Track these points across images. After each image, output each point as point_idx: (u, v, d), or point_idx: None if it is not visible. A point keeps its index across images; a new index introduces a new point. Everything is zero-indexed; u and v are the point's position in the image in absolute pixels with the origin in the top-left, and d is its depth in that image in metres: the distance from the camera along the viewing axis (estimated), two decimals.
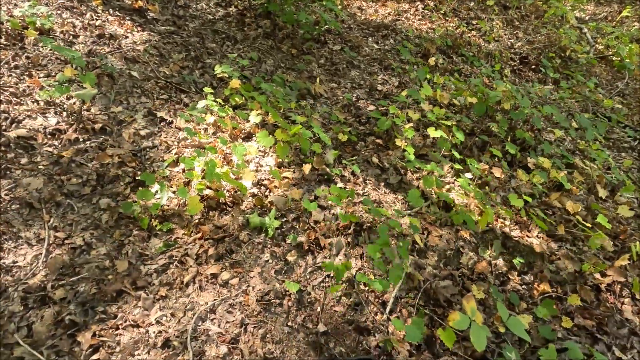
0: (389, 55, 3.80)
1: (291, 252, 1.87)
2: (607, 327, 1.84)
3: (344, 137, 2.56)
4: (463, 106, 3.00)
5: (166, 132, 2.38)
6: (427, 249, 2.04)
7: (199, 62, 3.04)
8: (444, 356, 1.66)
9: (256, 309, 1.63)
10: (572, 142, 3.02)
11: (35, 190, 1.85)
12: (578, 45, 4.71)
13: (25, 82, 2.32)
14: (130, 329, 1.50)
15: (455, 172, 2.41)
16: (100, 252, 1.72)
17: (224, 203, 2.03)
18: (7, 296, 1.50)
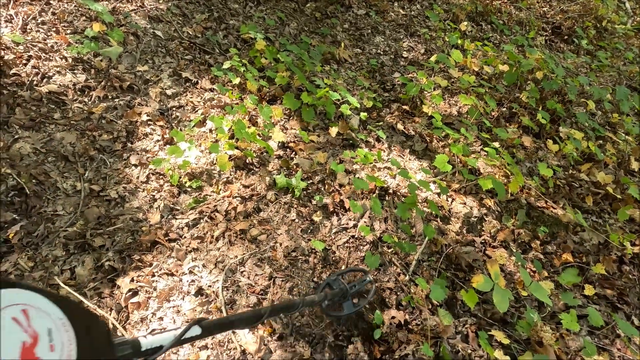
0: (415, 21, 3.66)
1: (317, 212, 1.90)
2: (628, 297, 1.85)
3: (368, 103, 2.52)
4: (493, 74, 2.90)
5: (192, 93, 2.38)
6: (450, 215, 2.05)
7: (222, 22, 2.98)
8: (464, 317, 1.70)
9: (284, 264, 1.69)
10: (604, 116, 2.92)
11: (69, 144, 1.90)
12: (615, 15, 4.45)
13: (53, 38, 2.32)
14: (165, 277, 1.57)
15: (483, 140, 2.37)
16: (134, 206, 1.78)
17: (251, 163, 2.05)
18: (50, 242, 1.57)
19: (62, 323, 0.37)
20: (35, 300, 0.37)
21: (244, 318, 0.84)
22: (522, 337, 1.61)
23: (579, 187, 2.31)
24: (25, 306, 0.36)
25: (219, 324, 0.76)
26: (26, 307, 0.36)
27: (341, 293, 1.42)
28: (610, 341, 1.67)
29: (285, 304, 1.05)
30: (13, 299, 0.35)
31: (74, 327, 0.38)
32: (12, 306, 0.35)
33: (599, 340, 1.66)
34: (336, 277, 1.53)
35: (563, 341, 1.60)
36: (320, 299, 1.28)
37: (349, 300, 1.46)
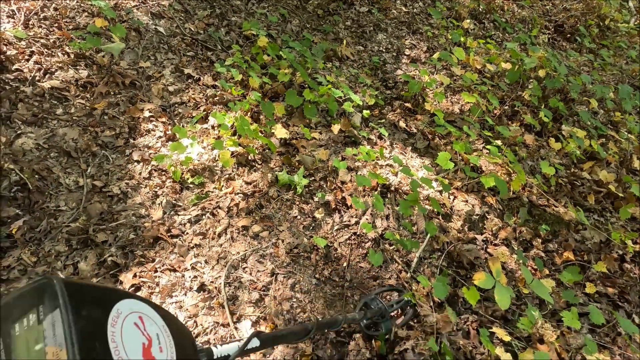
0: (417, 19, 3.65)
1: (319, 209, 1.91)
2: (629, 295, 1.86)
3: (371, 101, 2.52)
4: (495, 73, 2.90)
5: (194, 89, 2.38)
6: (452, 213, 2.05)
7: (224, 19, 2.97)
8: (465, 314, 1.70)
9: (285, 261, 1.69)
10: (606, 115, 2.92)
11: (71, 140, 1.90)
12: (618, 14, 4.43)
13: (55, 33, 2.32)
14: (167, 273, 1.57)
15: (485, 138, 2.37)
16: (136, 201, 1.78)
17: (253, 160, 2.05)
18: (53, 237, 1.58)
19: (164, 330, 0.43)
20: (146, 309, 0.43)
21: (294, 332, 0.93)
22: (523, 334, 1.61)
23: (580, 185, 2.31)
24: (140, 314, 0.41)
25: (274, 337, 0.83)
26: (141, 314, 0.41)
27: (380, 312, 1.43)
28: (611, 339, 1.67)
29: (329, 321, 1.14)
30: (132, 308, 0.41)
31: (172, 334, 0.44)
32: (133, 314, 0.40)
33: (600, 338, 1.66)
34: (374, 296, 1.51)
35: (564, 339, 1.60)
36: (360, 318, 1.33)
37: (387, 320, 1.46)
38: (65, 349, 0.32)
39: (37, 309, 0.34)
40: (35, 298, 0.35)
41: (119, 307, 0.39)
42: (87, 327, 0.34)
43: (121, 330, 0.37)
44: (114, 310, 0.38)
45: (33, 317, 0.34)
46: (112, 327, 0.37)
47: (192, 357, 0.47)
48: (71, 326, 0.33)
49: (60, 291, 0.35)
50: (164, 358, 0.41)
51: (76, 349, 0.32)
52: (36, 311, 0.34)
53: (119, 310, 0.38)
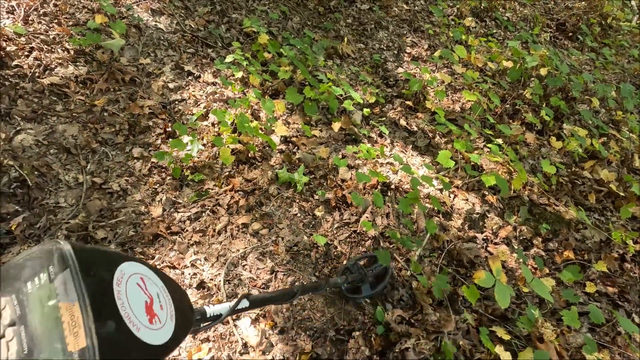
0: (419, 17, 3.64)
1: (319, 207, 1.90)
2: (629, 295, 1.85)
3: (371, 99, 2.51)
4: (496, 71, 2.89)
5: (194, 86, 2.37)
6: (452, 211, 2.05)
7: (225, 16, 2.96)
8: (464, 313, 1.70)
9: (285, 258, 1.69)
10: (608, 114, 2.91)
11: (71, 136, 1.90)
12: (621, 12, 4.41)
13: (55, 30, 2.31)
14: (167, 270, 1.57)
15: (486, 137, 2.37)
16: (136, 198, 1.78)
17: (253, 157, 2.04)
18: (52, 234, 1.57)
19: (163, 290, 0.47)
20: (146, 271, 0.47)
21: (280, 295, 0.96)
22: (522, 333, 1.61)
23: (581, 184, 2.30)
24: (141, 275, 0.45)
25: (261, 299, 0.85)
26: (142, 276, 0.45)
27: (360, 277, 1.53)
28: (611, 338, 1.67)
29: (313, 285, 1.19)
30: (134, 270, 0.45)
31: (170, 294, 0.48)
32: (135, 275, 0.44)
33: (599, 338, 1.66)
34: (354, 262, 1.61)
35: (564, 338, 1.60)
36: (342, 282, 1.41)
37: (367, 284, 1.56)
38: (78, 304, 0.35)
39: (47, 269, 0.37)
40: (45, 259, 0.38)
41: (122, 268, 0.42)
42: (95, 286, 0.37)
43: (125, 288, 0.41)
44: (117, 271, 0.41)
45: (44, 276, 0.37)
46: (118, 286, 0.40)
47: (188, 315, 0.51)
48: (82, 284, 0.36)
49: (69, 253, 0.38)
50: (164, 314, 0.45)
51: (88, 304, 0.35)
52: (47, 271, 0.37)
53: (122, 271, 0.41)
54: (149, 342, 0.40)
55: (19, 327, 0.35)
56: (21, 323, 0.35)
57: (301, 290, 1.00)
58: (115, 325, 0.37)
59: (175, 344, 0.45)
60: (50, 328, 0.34)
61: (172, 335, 0.44)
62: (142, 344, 0.39)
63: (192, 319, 0.59)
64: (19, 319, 0.35)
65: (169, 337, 0.44)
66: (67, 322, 0.35)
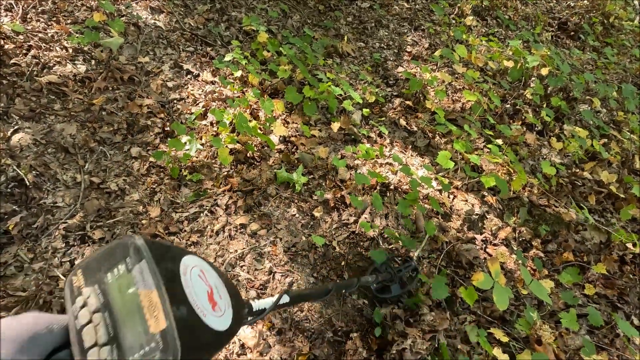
0: (419, 15, 3.61)
1: (317, 208, 1.90)
2: (629, 297, 1.85)
3: (371, 98, 2.50)
4: (497, 71, 2.87)
5: (193, 85, 2.36)
6: (451, 212, 2.04)
7: (224, 14, 2.95)
8: (463, 314, 1.70)
9: (283, 259, 1.68)
10: (609, 114, 2.89)
11: (69, 135, 1.89)
12: (623, 12, 4.38)
13: (53, 28, 2.30)
14: None
15: (486, 137, 2.35)
16: (134, 198, 1.77)
17: (252, 157, 2.04)
18: (50, 234, 1.57)
19: (220, 282, 0.51)
20: (204, 264, 0.50)
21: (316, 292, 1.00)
22: (521, 335, 1.61)
23: (582, 185, 2.29)
24: (201, 267, 0.48)
25: (300, 295, 0.88)
26: (201, 268, 0.48)
27: (389, 276, 1.57)
28: (610, 341, 1.66)
29: (346, 283, 1.22)
30: (194, 263, 0.48)
31: (225, 287, 0.52)
32: (195, 267, 0.47)
33: (598, 340, 1.66)
34: (382, 262, 1.64)
35: (562, 340, 1.60)
36: (372, 281, 1.44)
37: (397, 284, 1.60)
38: (156, 290, 0.38)
39: (124, 261, 0.41)
40: (121, 252, 0.42)
41: (185, 260, 0.46)
42: (168, 274, 0.41)
43: (190, 278, 0.44)
44: (182, 262, 0.45)
45: (122, 267, 0.41)
46: (184, 275, 0.44)
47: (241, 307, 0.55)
48: (157, 273, 0.40)
49: (143, 246, 0.42)
50: (223, 303, 0.49)
51: (164, 290, 0.39)
52: (124, 263, 0.41)
53: (185, 263, 0.45)
54: (214, 327, 0.44)
55: (104, 314, 0.39)
56: (105, 310, 0.39)
57: (335, 287, 1.03)
58: (186, 310, 0.40)
59: (234, 333, 0.49)
60: (132, 313, 0.38)
61: (231, 323, 0.48)
62: (209, 329, 0.43)
63: (244, 312, 0.63)
64: (102, 306, 0.39)
65: (229, 324, 0.47)
66: (147, 306, 0.38)
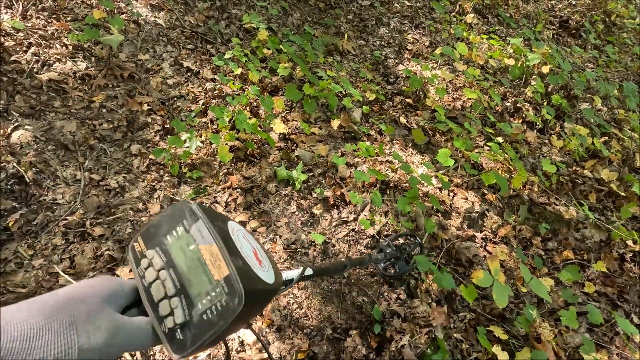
0: (420, 13, 3.61)
1: (317, 205, 1.90)
2: (629, 295, 1.85)
3: (371, 96, 2.49)
4: (498, 68, 2.86)
5: (193, 83, 2.36)
6: (451, 210, 2.04)
7: (225, 11, 2.94)
8: (462, 312, 1.70)
9: (283, 256, 1.68)
10: (610, 112, 2.88)
11: (69, 132, 1.89)
12: (625, 10, 4.36)
13: (53, 25, 2.30)
14: None
15: (486, 135, 2.35)
16: (134, 195, 1.78)
17: (252, 155, 2.04)
18: (49, 230, 1.57)
19: (259, 246, 0.53)
20: (245, 230, 0.53)
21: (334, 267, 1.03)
22: (520, 333, 1.61)
23: (582, 183, 2.28)
24: (244, 232, 0.52)
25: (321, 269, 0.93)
26: (244, 233, 0.52)
27: (395, 255, 1.59)
28: (609, 339, 1.66)
29: (359, 260, 1.24)
30: (238, 227, 0.51)
31: (264, 251, 0.54)
32: (239, 230, 0.50)
33: (597, 338, 1.66)
34: (388, 242, 1.67)
35: (562, 338, 1.60)
36: (382, 258, 1.48)
37: (402, 261, 1.63)
38: (215, 244, 0.42)
39: (182, 223, 0.45)
40: (178, 216, 0.45)
41: (230, 224, 0.49)
42: (222, 233, 0.45)
43: (238, 238, 0.48)
44: (229, 225, 0.49)
45: (180, 229, 0.44)
46: (233, 234, 0.47)
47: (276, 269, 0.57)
48: (213, 229, 0.43)
49: (198, 209, 0.45)
50: (266, 263, 0.51)
51: (222, 243, 0.42)
52: (182, 224, 0.45)
53: (232, 226, 0.49)
54: (264, 279, 0.47)
55: (169, 270, 0.42)
56: (169, 267, 0.43)
57: (350, 263, 1.08)
58: (242, 262, 0.44)
59: (277, 289, 0.52)
60: (195, 266, 0.42)
61: (275, 280, 0.50)
62: (261, 280, 0.46)
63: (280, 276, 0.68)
64: (166, 264, 0.43)
65: (273, 280, 0.50)
66: (208, 259, 0.42)
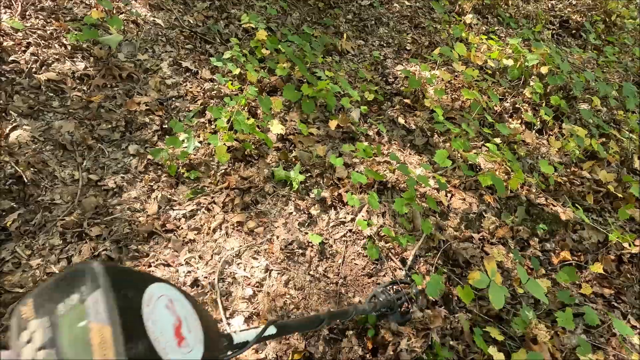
0: (419, 13, 3.60)
1: (315, 206, 1.90)
2: (626, 296, 1.85)
3: (370, 96, 2.49)
4: (497, 69, 2.86)
5: (191, 83, 2.36)
6: (449, 211, 2.04)
7: (224, 11, 2.94)
8: (459, 313, 1.70)
9: (280, 257, 1.69)
10: (609, 113, 2.88)
11: (67, 133, 1.89)
12: (625, 10, 4.35)
13: (52, 25, 2.30)
14: (161, 267, 1.58)
15: (484, 136, 2.35)
16: (131, 196, 1.78)
17: (250, 155, 2.04)
18: (47, 230, 1.58)
19: (191, 313, 0.46)
20: (175, 293, 0.45)
21: (308, 322, 0.95)
22: (517, 334, 1.61)
23: (580, 184, 2.28)
24: (170, 297, 0.44)
25: (289, 326, 0.84)
26: (171, 298, 0.44)
27: (388, 304, 1.47)
28: (606, 340, 1.67)
29: (341, 312, 1.15)
30: (162, 291, 0.43)
31: (199, 318, 0.46)
32: (163, 296, 0.43)
33: (594, 339, 1.66)
34: (383, 289, 1.55)
35: (558, 339, 1.60)
36: (370, 309, 1.35)
37: (396, 312, 1.49)
38: (109, 325, 0.34)
39: (79, 289, 0.37)
40: (76, 280, 0.38)
41: (151, 289, 0.41)
42: (126, 306, 0.37)
43: (154, 310, 0.40)
44: (147, 292, 0.41)
45: (75, 297, 0.37)
46: (147, 307, 0.39)
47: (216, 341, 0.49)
48: (112, 305, 0.36)
49: (100, 273, 0.37)
50: (193, 338, 0.43)
51: (119, 325, 0.34)
52: (78, 292, 0.37)
53: (151, 293, 0.41)
54: None
55: (50, 350, 0.35)
56: (52, 346, 0.35)
57: (328, 317, 0.97)
58: (144, 348, 0.36)
59: None
60: (79, 350, 0.34)
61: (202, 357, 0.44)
62: None
63: (220, 346, 0.58)
64: (49, 342, 0.35)
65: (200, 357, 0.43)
66: (97, 343, 0.34)
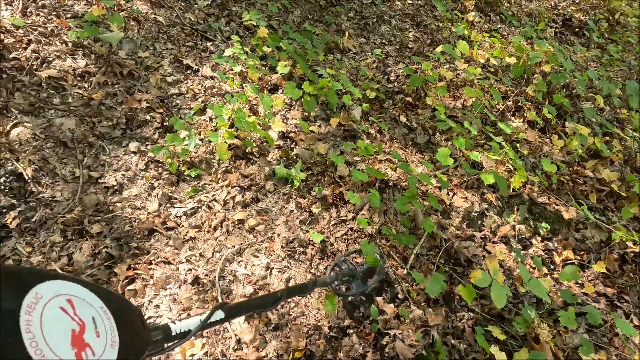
0: (421, 11, 3.58)
1: (316, 204, 1.89)
2: (628, 295, 1.83)
3: (371, 94, 2.48)
4: (499, 67, 2.84)
5: (192, 80, 2.35)
6: (451, 209, 2.03)
7: (225, 9, 2.93)
8: (461, 311, 1.69)
9: (281, 255, 1.68)
10: (612, 112, 2.86)
11: (68, 130, 1.89)
12: (629, 8, 4.32)
13: (53, 22, 2.30)
14: (162, 265, 1.57)
15: (487, 134, 2.34)
16: (132, 193, 1.78)
17: (251, 153, 2.03)
18: (48, 228, 1.58)
19: (103, 311, 0.40)
20: (77, 290, 0.39)
21: (262, 302, 0.87)
22: (519, 333, 1.60)
23: (583, 183, 2.27)
24: (69, 296, 0.37)
25: (240, 307, 0.77)
26: (70, 297, 0.37)
27: (350, 273, 1.45)
28: (608, 339, 1.66)
29: (299, 287, 1.08)
30: (58, 290, 0.36)
31: (113, 315, 0.40)
32: (58, 297, 0.36)
33: (596, 338, 1.65)
34: (344, 258, 1.55)
35: (560, 338, 1.59)
36: (330, 280, 1.32)
37: (358, 280, 1.48)
38: None
39: None
40: None
41: (38, 290, 0.34)
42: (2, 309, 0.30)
43: (41, 317, 0.33)
44: (30, 295, 0.33)
45: None
46: (28, 315, 0.32)
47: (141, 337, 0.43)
48: None
49: None
50: (102, 343, 0.37)
51: None
52: None
53: (37, 295, 0.34)
54: None
55: None
56: None
57: (285, 293, 0.91)
58: None
59: None
60: None
61: None
62: None
63: (147, 341, 0.50)
64: None
65: None
66: None
